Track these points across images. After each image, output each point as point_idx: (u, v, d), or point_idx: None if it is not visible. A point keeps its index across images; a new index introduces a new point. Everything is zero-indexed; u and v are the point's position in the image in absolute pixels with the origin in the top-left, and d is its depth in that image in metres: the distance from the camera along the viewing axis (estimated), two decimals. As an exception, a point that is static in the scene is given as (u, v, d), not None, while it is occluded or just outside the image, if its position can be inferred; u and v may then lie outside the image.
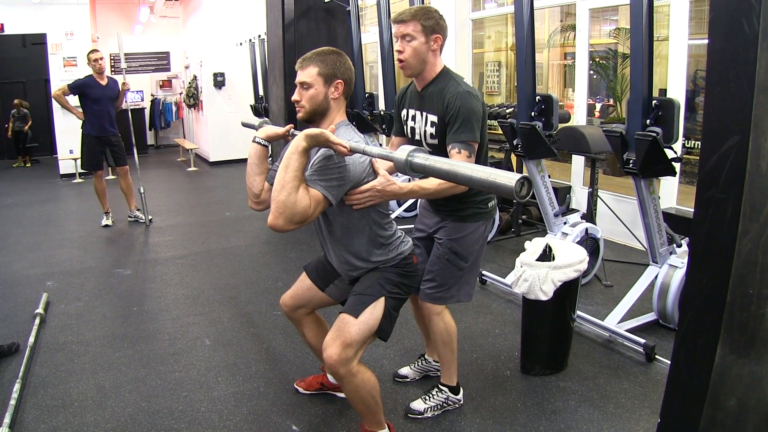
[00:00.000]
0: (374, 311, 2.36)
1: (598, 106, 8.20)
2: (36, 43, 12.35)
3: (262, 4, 7.64)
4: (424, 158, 1.78)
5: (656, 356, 3.41)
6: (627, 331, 3.62)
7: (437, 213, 2.82)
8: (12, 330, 4.04)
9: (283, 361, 3.57)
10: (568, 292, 3.19)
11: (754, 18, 1.71)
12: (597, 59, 7.75)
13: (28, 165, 13.22)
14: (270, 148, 2.47)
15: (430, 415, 2.93)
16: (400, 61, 2.58)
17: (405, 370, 3.34)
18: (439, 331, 2.86)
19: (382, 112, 6.63)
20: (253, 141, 2.41)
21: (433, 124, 2.60)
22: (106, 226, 7.14)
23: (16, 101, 13.09)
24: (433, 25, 2.53)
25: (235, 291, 4.81)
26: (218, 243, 6.35)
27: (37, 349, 3.78)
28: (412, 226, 3.08)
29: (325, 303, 2.79)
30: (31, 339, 3.84)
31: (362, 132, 6.38)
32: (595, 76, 7.98)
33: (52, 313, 4.38)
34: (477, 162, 2.59)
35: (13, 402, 3.07)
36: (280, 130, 2.38)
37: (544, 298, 3.10)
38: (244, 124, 3.47)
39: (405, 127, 2.82)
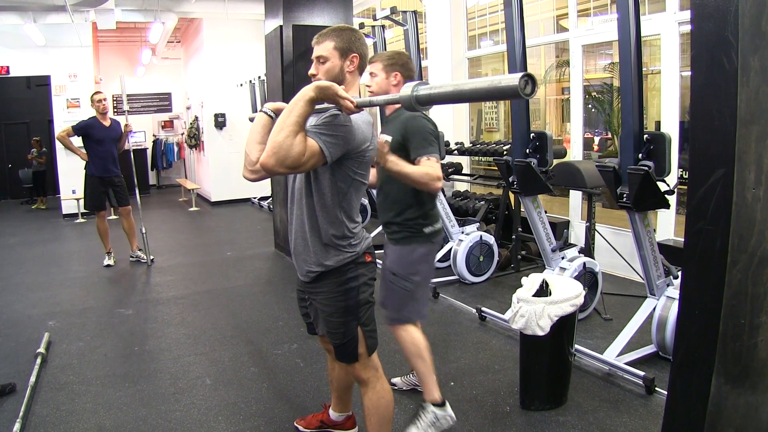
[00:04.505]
0: (359, 346, 2.46)
1: (597, 139, 8.30)
2: (40, 85, 12.55)
3: (262, 46, 7.78)
4: (427, 88, 1.82)
5: (656, 388, 3.40)
6: (626, 364, 3.63)
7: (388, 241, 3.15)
8: (13, 370, 4.03)
9: (284, 400, 3.57)
10: (565, 326, 3.20)
11: (733, 54, 1.77)
12: (593, 93, 7.87)
13: (42, 207, 12.94)
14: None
15: None
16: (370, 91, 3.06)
17: (395, 379, 3.52)
18: (405, 343, 2.99)
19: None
20: (261, 110, 2.42)
21: (391, 141, 2.79)
22: (108, 266, 7.17)
23: (36, 139, 13.02)
24: (391, 65, 2.99)
25: (236, 330, 4.81)
26: (219, 283, 6.37)
27: (39, 389, 3.78)
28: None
29: None
30: (32, 378, 3.84)
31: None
32: (592, 110, 8.09)
33: (53, 352, 4.38)
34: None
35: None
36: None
37: (541, 333, 3.11)
38: (251, 118, 3.62)
39: None
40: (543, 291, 3.31)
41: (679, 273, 3.90)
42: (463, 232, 5.86)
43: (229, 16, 10.93)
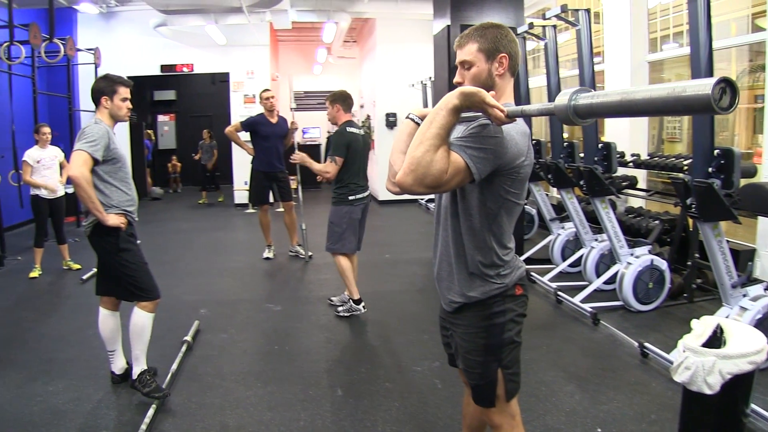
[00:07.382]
0: (498, 389, 2.15)
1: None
2: (222, 81, 13.48)
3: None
4: (588, 97, 1.49)
5: None
6: (818, 435, 3.00)
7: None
8: (158, 353, 4.08)
9: (413, 424, 3.34)
10: (740, 383, 2.68)
11: None
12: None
13: (220, 199, 13.28)
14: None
15: None
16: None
17: (333, 298, 5.51)
18: (338, 265, 5.28)
19: (548, 161, 6.10)
20: (408, 117, 2.22)
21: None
22: (267, 258, 7.41)
23: (207, 131, 13.49)
24: (332, 101, 5.32)
25: (378, 340, 4.69)
26: (372, 286, 6.18)
27: (178, 376, 3.91)
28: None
29: None
30: (174, 366, 3.99)
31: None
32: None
33: (198, 341, 4.53)
34: None
35: (144, 426, 3.19)
36: None
37: (708, 391, 2.61)
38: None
39: None
40: (716, 339, 2.80)
41: None
42: (632, 254, 5.31)
43: (401, 16, 10.96)
